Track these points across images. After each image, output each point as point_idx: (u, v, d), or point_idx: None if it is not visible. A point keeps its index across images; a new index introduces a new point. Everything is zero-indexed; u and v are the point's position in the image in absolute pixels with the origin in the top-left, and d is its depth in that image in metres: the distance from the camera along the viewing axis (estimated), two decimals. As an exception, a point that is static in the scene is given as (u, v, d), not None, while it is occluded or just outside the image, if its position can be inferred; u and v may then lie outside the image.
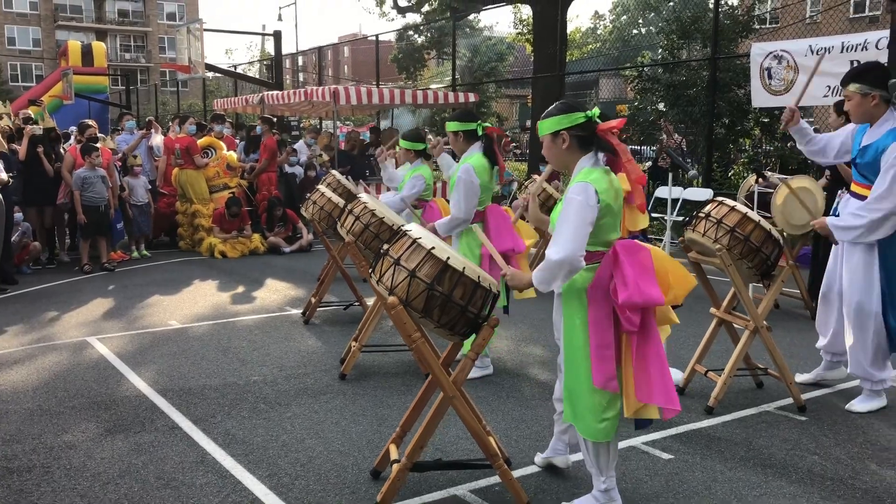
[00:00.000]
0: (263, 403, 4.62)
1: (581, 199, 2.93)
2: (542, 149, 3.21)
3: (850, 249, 4.41)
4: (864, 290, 4.33)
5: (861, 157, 4.34)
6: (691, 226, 4.50)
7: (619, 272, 3.00)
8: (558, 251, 2.91)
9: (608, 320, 3.04)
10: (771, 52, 10.08)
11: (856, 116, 4.35)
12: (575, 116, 3.06)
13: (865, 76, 4.26)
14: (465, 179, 4.79)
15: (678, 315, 3.32)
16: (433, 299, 3.04)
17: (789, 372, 4.51)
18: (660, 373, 2.99)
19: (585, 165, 3.08)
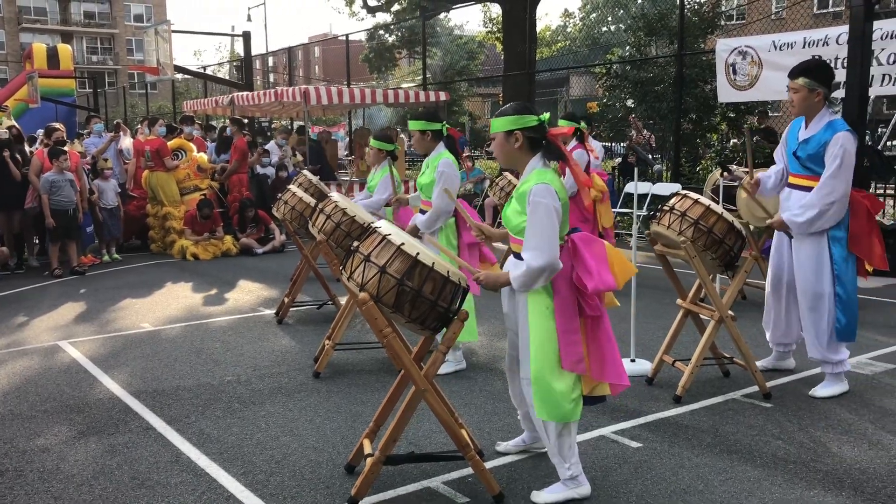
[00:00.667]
0: (237, 403, 4.64)
1: (548, 203, 3.07)
2: (493, 145, 3.32)
3: (798, 241, 4.57)
4: (818, 276, 4.51)
5: (802, 150, 4.51)
6: (656, 219, 4.60)
7: (580, 263, 3.17)
8: (538, 257, 3.04)
9: (573, 307, 3.19)
10: (736, 48, 10.26)
11: (799, 108, 4.52)
12: (529, 119, 3.21)
13: (814, 72, 4.44)
14: (448, 173, 4.92)
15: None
16: (403, 294, 3.09)
17: (754, 361, 4.62)
18: (611, 352, 3.21)
19: (537, 166, 3.22)
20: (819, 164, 4.40)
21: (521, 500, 3.33)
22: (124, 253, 10.72)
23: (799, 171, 4.59)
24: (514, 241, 3.28)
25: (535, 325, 3.20)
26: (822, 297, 4.50)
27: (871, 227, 4.53)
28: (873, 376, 4.96)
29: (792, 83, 4.48)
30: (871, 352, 5.46)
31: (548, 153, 3.24)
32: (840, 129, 4.38)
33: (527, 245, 3.10)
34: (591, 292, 3.11)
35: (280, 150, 12.68)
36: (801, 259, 4.57)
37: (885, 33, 8.64)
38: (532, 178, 3.16)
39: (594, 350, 3.19)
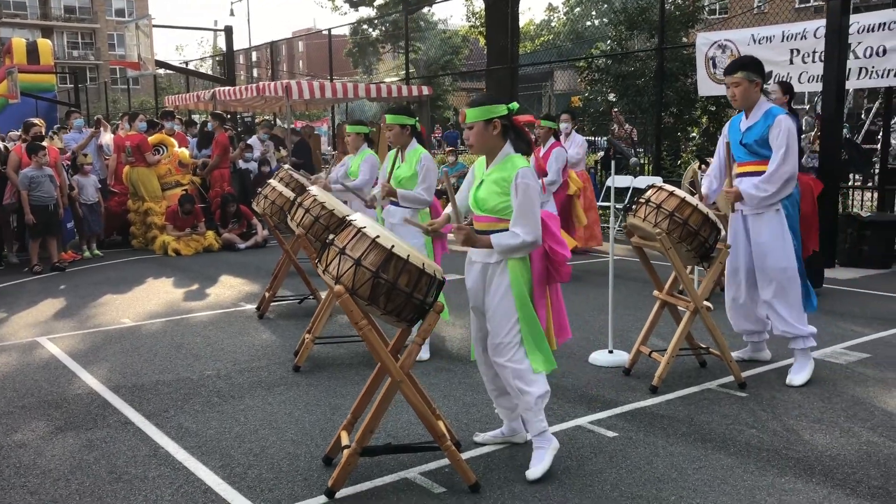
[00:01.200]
0: (217, 397, 4.65)
1: (534, 184, 3.35)
2: (472, 133, 3.46)
3: (756, 220, 4.70)
4: (781, 250, 4.65)
5: (748, 137, 4.68)
6: (633, 211, 4.64)
7: (550, 234, 3.44)
8: (531, 232, 3.32)
9: (544, 275, 3.49)
10: (715, 42, 10.35)
11: (742, 100, 4.68)
12: (500, 108, 3.43)
13: (751, 66, 4.65)
14: (428, 165, 5.11)
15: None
16: (379, 287, 3.12)
17: (729, 351, 4.67)
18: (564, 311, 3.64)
19: (510, 152, 3.45)
20: (766, 146, 4.60)
21: (497, 490, 3.36)
22: (105, 249, 10.67)
23: (747, 158, 4.74)
24: (480, 219, 3.46)
25: (519, 293, 3.40)
26: (790, 271, 4.67)
27: (815, 209, 4.88)
28: (847, 366, 5.02)
29: (731, 79, 4.67)
30: (845, 341, 5.53)
31: (517, 138, 3.47)
32: (780, 112, 4.62)
33: (518, 221, 3.32)
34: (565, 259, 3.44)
35: (262, 145, 12.64)
36: (763, 237, 4.70)
37: (862, 27, 8.74)
38: (510, 162, 3.40)
39: (557, 311, 3.57)
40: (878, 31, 8.65)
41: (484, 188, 3.44)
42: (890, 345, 5.48)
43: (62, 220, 9.33)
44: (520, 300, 3.39)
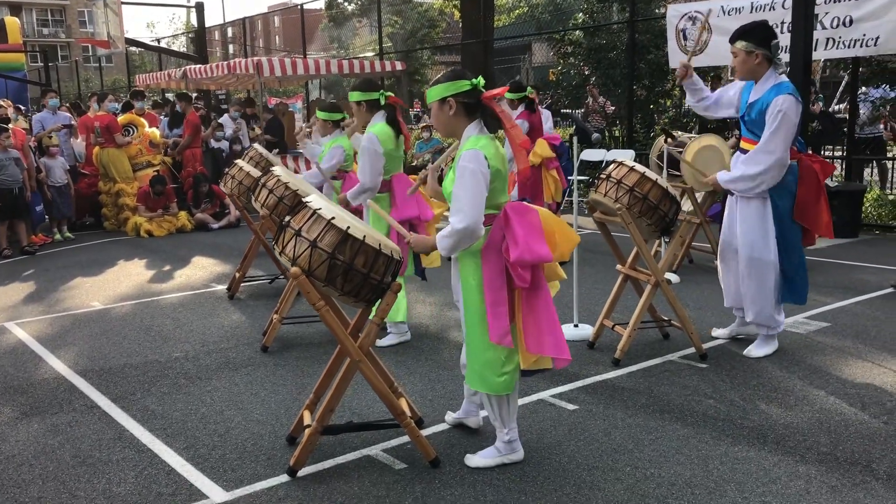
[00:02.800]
0: (184, 379, 4.67)
1: (474, 167, 3.07)
2: (431, 116, 3.33)
3: (744, 205, 4.64)
4: (762, 241, 4.58)
5: (748, 115, 4.55)
6: (594, 187, 4.68)
7: (509, 232, 3.15)
8: (462, 219, 3.06)
9: (501, 279, 3.19)
10: (686, 14, 10.36)
11: (741, 72, 4.55)
12: (461, 84, 3.19)
13: (752, 34, 4.44)
14: (369, 148, 4.87)
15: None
16: (335, 268, 3.14)
17: (690, 322, 4.75)
18: (550, 325, 3.17)
19: (472, 133, 3.21)
20: (761, 128, 4.44)
21: (458, 465, 3.42)
22: (77, 231, 10.59)
23: (746, 135, 4.64)
24: None
25: (467, 296, 3.26)
26: (765, 263, 4.59)
27: (819, 193, 4.56)
28: (807, 335, 5.12)
29: (732, 48, 4.52)
30: (807, 311, 5.62)
31: (484, 115, 3.23)
32: (784, 91, 4.37)
33: (453, 208, 3.13)
34: (514, 262, 3.10)
35: (234, 124, 12.55)
36: (746, 224, 4.64)
37: (829, -3, 8.76)
38: (466, 145, 3.17)
39: (531, 323, 3.17)
40: (845, 2, 8.69)
41: (449, 175, 3.27)
42: (850, 313, 5.58)
43: (31, 203, 9.24)
44: (466, 305, 3.24)
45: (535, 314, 3.17)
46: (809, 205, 4.53)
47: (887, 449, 3.43)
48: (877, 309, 5.67)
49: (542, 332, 3.16)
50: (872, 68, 9.68)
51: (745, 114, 4.59)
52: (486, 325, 3.19)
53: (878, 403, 3.94)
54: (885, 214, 9.25)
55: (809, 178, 4.52)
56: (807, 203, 4.53)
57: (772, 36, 4.45)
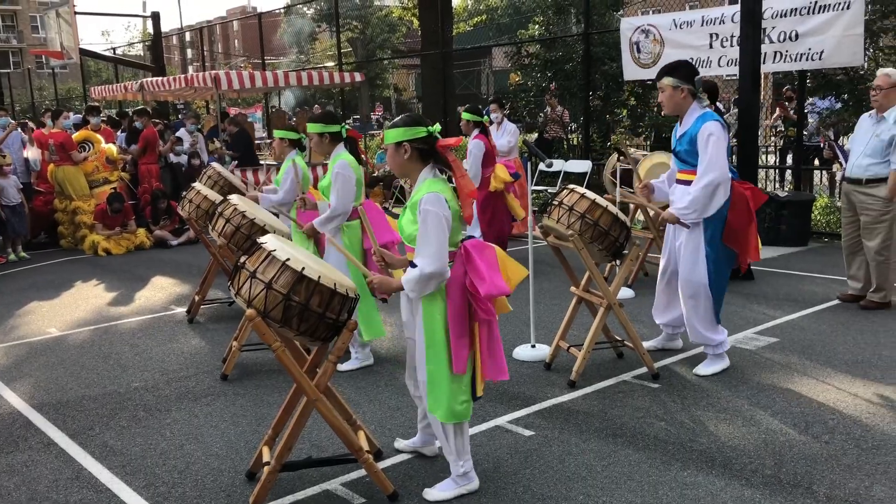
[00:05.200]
0: (143, 411, 4.67)
1: (437, 211, 3.19)
2: (387, 156, 3.43)
3: (677, 232, 4.84)
4: (694, 264, 4.76)
5: (679, 146, 4.79)
6: (547, 212, 4.78)
7: (473, 269, 3.29)
8: (430, 263, 3.16)
9: (464, 312, 3.33)
10: (639, 27, 10.54)
11: (668, 107, 4.78)
12: (417, 130, 3.30)
13: (677, 71, 4.69)
14: (342, 174, 4.93)
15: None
16: (291, 309, 3.18)
17: (642, 344, 4.88)
18: (499, 352, 3.42)
19: (428, 177, 3.32)
20: (694, 156, 4.65)
21: (416, 498, 3.48)
22: (32, 250, 10.45)
23: (680, 166, 4.84)
24: (409, 249, 3.38)
25: (430, 329, 3.34)
26: (699, 286, 4.76)
27: (749, 219, 4.73)
28: (755, 351, 5.28)
29: (659, 84, 4.74)
30: (756, 326, 5.79)
31: (437, 162, 3.36)
32: (707, 119, 4.61)
33: (419, 252, 3.22)
34: (484, 297, 3.24)
35: (191, 137, 12.46)
36: (682, 250, 4.82)
37: (775, 12, 9.00)
38: (423, 187, 3.28)
39: (490, 352, 3.36)
40: (791, 17, 8.92)
41: (404, 215, 3.37)
42: (798, 328, 5.76)
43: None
44: (428, 339, 3.32)
45: (490, 343, 3.36)
46: (740, 230, 4.72)
47: (827, 470, 3.57)
48: (823, 322, 5.86)
49: (494, 360, 3.38)
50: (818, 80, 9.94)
51: (676, 145, 4.82)
52: (451, 357, 3.31)
53: (820, 422, 4.09)
54: (834, 222, 9.51)
55: (740, 204, 4.70)
56: (737, 228, 4.71)
57: (695, 72, 4.72)
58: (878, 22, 9.08)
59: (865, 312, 6.06)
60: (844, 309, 6.19)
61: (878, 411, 4.21)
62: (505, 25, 30.78)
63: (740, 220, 4.72)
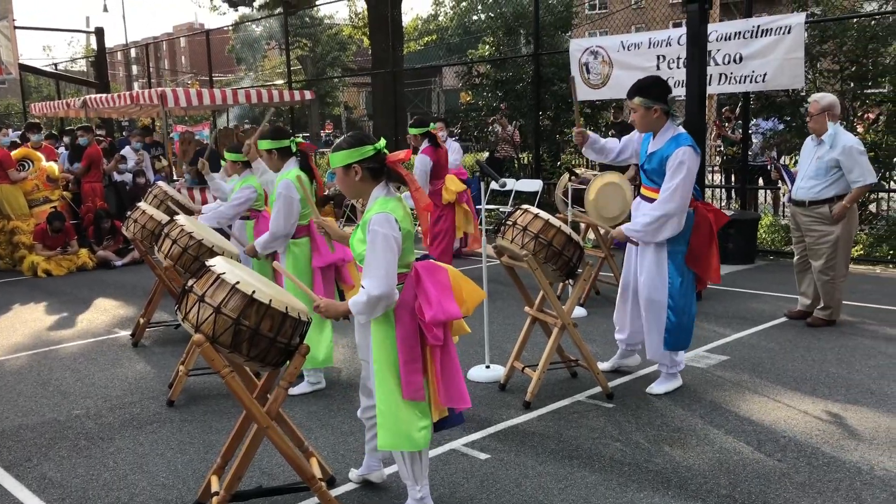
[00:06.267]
0: (85, 440, 4.48)
1: (386, 232, 3.10)
2: (336, 180, 3.35)
3: (643, 248, 4.83)
4: (657, 285, 4.77)
5: (648, 164, 4.75)
6: (501, 232, 4.76)
7: (422, 292, 3.21)
8: (377, 286, 3.08)
9: (415, 337, 3.25)
10: (587, 48, 10.69)
11: (640, 126, 4.75)
12: (364, 150, 3.22)
13: (649, 90, 4.64)
14: (284, 195, 4.82)
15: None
16: (240, 333, 3.08)
17: (596, 363, 4.88)
18: (455, 377, 3.30)
19: (380, 195, 3.24)
20: (662, 177, 4.63)
21: (370, 526, 3.40)
22: (-32, 272, 10.06)
23: (647, 183, 4.84)
24: (361, 269, 3.29)
25: (379, 355, 3.26)
26: (659, 304, 4.77)
27: (710, 242, 4.75)
28: (707, 369, 5.33)
29: (630, 103, 4.70)
30: (707, 344, 5.86)
31: (389, 178, 3.29)
32: (683, 143, 4.56)
33: (366, 273, 3.14)
34: (429, 322, 3.16)
35: (136, 155, 12.19)
36: (644, 267, 4.83)
37: (720, 35, 9.21)
38: (375, 206, 3.20)
39: (443, 378, 3.25)
40: (735, 40, 9.14)
41: (356, 234, 3.28)
42: (747, 345, 5.84)
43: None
44: (378, 364, 3.24)
45: (446, 368, 3.27)
46: (702, 252, 4.73)
47: (781, 489, 3.60)
48: (772, 340, 5.95)
49: (450, 385, 3.27)
50: (762, 102, 10.19)
51: (644, 163, 4.78)
52: (400, 383, 3.21)
53: (773, 440, 4.13)
54: (779, 240, 9.73)
55: (703, 226, 4.72)
56: (699, 250, 4.73)
57: (668, 90, 4.66)
58: (816, 46, 9.33)
59: (812, 330, 6.17)
60: (792, 326, 6.30)
61: (828, 428, 4.27)
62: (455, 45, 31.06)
63: (702, 243, 4.74)
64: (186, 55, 64.22)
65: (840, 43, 9.21)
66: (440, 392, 3.25)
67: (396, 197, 3.26)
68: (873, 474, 3.71)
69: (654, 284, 4.77)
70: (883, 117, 9.53)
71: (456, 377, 3.30)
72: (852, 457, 3.90)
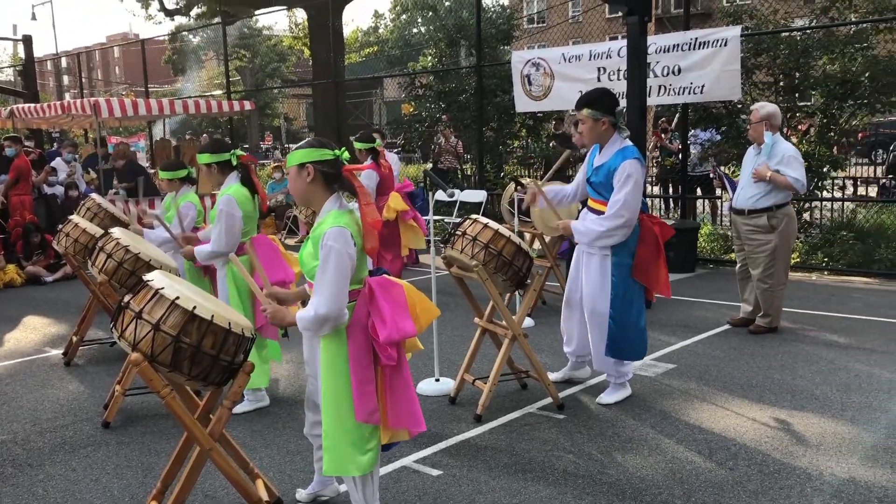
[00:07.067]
0: (12, 467, 4.22)
1: (340, 248, 2.98)
2: (288, 181, 3.24)
3: (587, 259, 4.81)
4: (600, 294, 4.75)
5: (595, 176, 4.74)
6: (450, 243, 4.67)
7: (376, 310, 3.10)
8: (324, 305, 2.96)
9: (368, 356, 3.13)
10: (529, 60, 10.72)
11: (589, 138, 4.74)
12: (323, 153, 3.13)
13: (597, 103, 4.64)
14: (226, 211, 4.66)
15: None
16: (181, 352, 2.93)
17: (546, 374, 4.82)
18: (407, 398, 3.19)
19: (332, 208, 3.13)
20: (609, 190, 4.62)
21: (320, 549, 3.25)
22: None
23: (593, 195, 4.82)
24: (311, 285, 3.18)
25: (329, 375, 3.13)
26: (602, 315, 4.75)
27: (658, 253, 4.75)
28: (655, 378, 5.32)
29: (578, 114, 4.69)
30: (654, 352, 5.86)
31: (342, 188, 3.19)
32: (629, 156, 4.57)
33: (316, 290, 3.02)
34: (384, 342, 3.06)
35: (68, 167, 11.76)
36: (588, 278, 4.81)
37: (659, 48, 9.34)
38: (328, 220, 3.08)
39: (392, 399, 3.15)
40: (673, 52, 9.27)
41: (305, 247, 3.16)
42: (693, 353, 5.87)
43: None
44: (325, 384, 3.12)
45: (396, 389, 3.16)
46: (649, 264, 4.72)
47: (734, 497, 3.58)
48: (716, 347, 6.00)
49: (402, 407, 3.16)
50: (700, 113, 10.36)
51: (591, 175, 4.77)
52: (352, 405, 3.09)
53: (724, 448, 4.13)
54: (718, 248, 9.89)
55: (649, 238, 4.72)
56: (647, 262, 4.72)
57: (615, 103, 4.68)
58: (751, 59, 9.53)
59: (755, 337, 6.24)
60: (735, 334, 6.36)
61: (776, 435, 4.29)
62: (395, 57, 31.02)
63: (649, 255, 4.73)
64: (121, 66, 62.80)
65: (773, 56, 9.43)
66: (390, 414, 3.16)
67: (349, 210, 3.15)
68: (822, 479, 3.73)
69: (597, 295, 4.75)
70: (814, 129, 9.78)
71: (409, 398, 3.19)
72: (801, 463, 3.92)
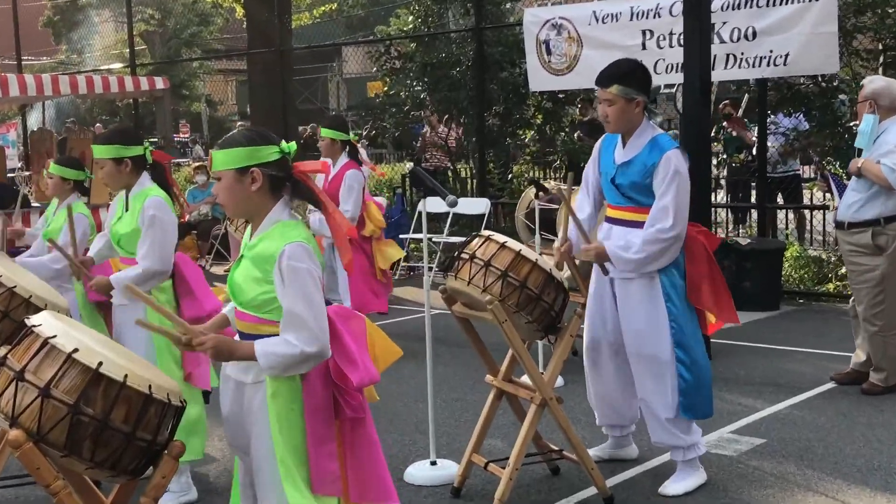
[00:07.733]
0: None
1: (309, 267, 3.02)
2: (219, 189, 3.17)
3: (624, 286, 4.77)
4: (655, 335, 4.69)
5: (623, 177, 4.74)
6: (453, 270, 4.58)
7: (340, 347, 3.13)
8: (313, 341, 2.97)
9: (329, 407, 3.15)
10: (549, 21, 10.73)
11: (617, 124, 4.73)
12: (269, 150, 3.09)
13: (629, 77, 4.67)
14: (159, 218, 4.68)
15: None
16: (81, 427, 2.83)
17: (588, 454, 4.73)
18: (373, 462, 3.25)
19: (281, 218, 3.13)
20: (644, 193, 4.63)
21: None
22: None
23: (620, 202, 4.81)
24: (245, 317, 3.16)
25: (279, 438, 3.08)
26: (662, 362, 4.69)
27: (711, 269, 4.76)
28: (738, 457, 5.25)
29: (603, 93, 4.68)
30: (732, 423, 5.79)
31: (296, 194, 3.18)
32: (668, 147, 4.61)
33: (291, 325, 2.98)
34: (357, 387, 3.10)
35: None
36: (631, 312, 4.75)
37: (727, 3, 9.31)
38: (276, 233, 3.07)
39: (353, 462, 3.20)
40: (746, 9, 9.28)
41: (241, 269, 3.14)
42: (788, 423, 5.80)
43: None
44: (279, 447, 3.06)
45: (358, 450, 3.21)
46: (704, 283, 4.71)
47: None
48: (819, 413, 5.94)
49: (365, 472, 3.22)
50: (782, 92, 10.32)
51: (615, 175, 4.77)
52: (307, 473, 3.08)
53: (841, 557, 4.04)
54: (809, 277, 9.84)
55: (697, 251, 4.72)
56: (700, 281, 4.70)
57: (650, 79, 4.78)
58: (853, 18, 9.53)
59: (871, 399, 6.18)
60: (844, 395, 6.30)
61: (913, 536, 4.21)
62: (359, 20, 31.15)
63: (702, 271, 4.73)
64: (-18, 31, 62.81)
65: (882, 15, 9.43)
66: (352, 486, 3.19)
67: (300, 221, 3.19)
68: None
69: (651, 336, 4.69)
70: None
71: (374, 460, 3.26)
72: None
